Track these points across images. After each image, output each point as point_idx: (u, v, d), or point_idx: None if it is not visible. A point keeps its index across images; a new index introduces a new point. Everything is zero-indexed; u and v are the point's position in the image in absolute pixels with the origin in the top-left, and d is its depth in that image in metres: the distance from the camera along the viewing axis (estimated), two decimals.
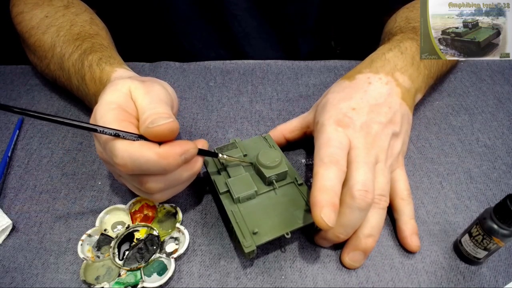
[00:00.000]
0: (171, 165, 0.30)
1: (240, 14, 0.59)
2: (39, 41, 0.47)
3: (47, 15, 0.48)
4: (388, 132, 0.37)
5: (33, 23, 0.48)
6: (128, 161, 0.29)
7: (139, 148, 0.29)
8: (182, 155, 0.31)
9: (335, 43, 0.73)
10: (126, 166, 0.29)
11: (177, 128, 0.30)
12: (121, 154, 0.29)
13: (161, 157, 0.29)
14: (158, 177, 0.32)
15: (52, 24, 0.47)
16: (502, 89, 0.55)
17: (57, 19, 0.48)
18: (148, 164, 0.30)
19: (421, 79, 0.43)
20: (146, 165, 0.30)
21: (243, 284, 0.34)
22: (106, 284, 0.32)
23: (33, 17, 0.49)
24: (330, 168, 0.33)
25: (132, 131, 0.30)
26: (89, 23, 0.48)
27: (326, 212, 0.31)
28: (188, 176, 0.33)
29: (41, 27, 0.48)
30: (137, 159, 0.29)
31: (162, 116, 0.30)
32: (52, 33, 0.46)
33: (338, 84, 0.42)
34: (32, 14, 0.49)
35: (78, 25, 0.47)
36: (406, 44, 0.44)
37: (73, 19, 0.48)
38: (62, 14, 0.48)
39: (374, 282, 0.35)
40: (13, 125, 0.48)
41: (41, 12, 0.49)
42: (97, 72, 0.40)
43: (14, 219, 0.38)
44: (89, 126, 0.29)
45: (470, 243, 0.34)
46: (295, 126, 0.44)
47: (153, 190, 0.32)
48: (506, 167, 0.45)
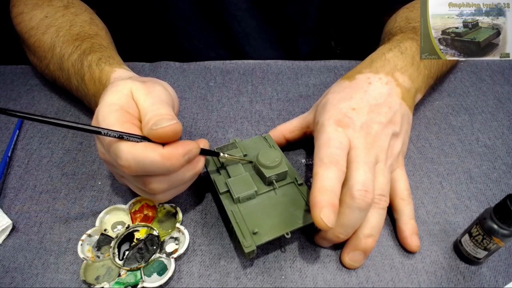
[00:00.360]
0: (174, 166, 0.30)
1: (240, 14, 0.59)
2: (39, 42, 0.47)
3: (47, 16, 0.48)
4: (388, 132, 0.37)
5: (33, 24, 0.48)
6: (132, 162, 0.29)
7: (143, 149, 0.29)
8: (185, 155, 0.31)
9: (335, 43, 0.73)
10: (130, 168, 0.29)
11: (180, 130, 0.31)
12: (125, 156, 0.29)
13: (165, 158, 0.30)
14: (162, 178, 0.32)
15: (51, 24, 0.47)
16: (502, 89, 0.55)
17: (56, 19, 0.48)
18: (152, 165, 0.30)
19: (421, 79, 0.43)
20: (150, 166, 0.30)
21: (243, 284, 0.34)
22: (106, 284, 0.32)
23: (33, 17, 0.49)
24: (330, 169, 0.33)
25: (135, 133, 0.30)
26: (88, 23, 0.48)
27: (325, 212, 0.31)
28: (190, 175, 0.34)
29: (40, 28, 0.47)
30: (141, 161, 0.29)
31: (165, 118, 0.30)
32: (52, 34, 0.46)
33: (338, 84, 0.42)
34: (32, 15, 0.49)
35: (78, 25, 0.47)
36: (406, 44, 0.44)
37: (72, 19, 0.48)
38: (61, 15, 0.48)
39: (374, 282, 0.35)
40: (13, 125, 0.48)
41: (41, 12, 0.49)
42: (96, 72, 0.40)
43: (14, 219, 0.38)
44: (93, 129, 0.29)
45: (470, 243, 0.34)
46: (295, 126, 0.44)
47: (156, 191, 0.32)
48: (506, 167, 0.45)
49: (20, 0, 0.51)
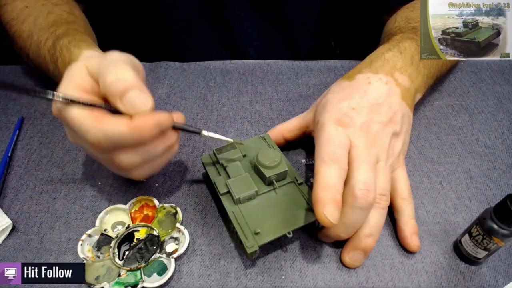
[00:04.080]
0: (144, 137, 0.30)
1: (241, 14, 0.59)
2: (19, 31, 0.48)
3: (27, 6, 0.49)
4: (388, 132, 0.37)
5: (14, 14, 0.49)
6: (101, 136, 0.29)
7: (110, 122, 0.29)
8: (156, 126, 0.30)
9: (335, 43, 0.73)
10: (100, 143, 0.29)
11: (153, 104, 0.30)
12: (93, 131, 0.29)
13: (134, 129, 0.29)
14: (132, 150, 0.31)
15: (30, 13, 0.48)
16: (502, 89, 0.55)
17: (36, 9, 0.48)
18: (121, 137, 0.29)
19: (421, 79, 0.43)
20: (118, 138, 0.29)
21: (243, 284, 0.34)
22: (106, 284, 0.32)
23: (14, 8, 0.49)
24: (331, 166, 0.33)
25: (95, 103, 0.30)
26: (67, 12, 0.48)
27: (329, 209, 0.31)
28: (163, 149, 0.33)
29: (20, 18, 0.48)
30: (109, 133, 0.29)
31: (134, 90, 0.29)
32: (30, 22, 0.47)
33: (338, 84, 0.42)
34: (13, 6, 0.49)
35: (56, 13, 0.47)
36: (405, 44, 0.44)
37: (51, 8, 0.48)
38: (41, 4, 0.48)
39: (374, 282, 0.35)
40: (13, 125, 0.48)
41: (22, 3, 0.49)
42: (66, 56, 0.40)
43: (14, 219, 0.38)
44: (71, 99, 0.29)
45: (470, 243, 0.34)
46: (294, 126, 0.44)
47: (128, 165, 0.32)
48: (506, 167, 0.45)
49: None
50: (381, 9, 0.58)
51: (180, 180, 0.42)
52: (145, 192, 0.41)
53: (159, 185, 0.42)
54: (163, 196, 0.41)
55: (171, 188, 0.41)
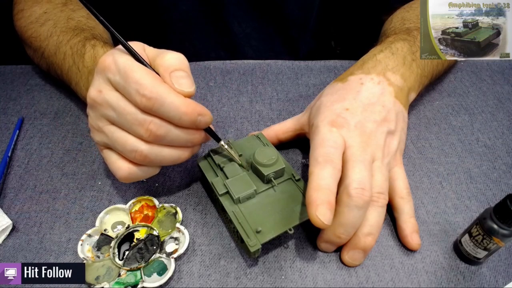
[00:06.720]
0: (187, 118, 0.31)
1: (240, 14, 0.59)
2: (36, 33, 0.48)
3: (46, 11, 0.50)
4: (383, 130, 0.37)
5: (32, 19, 0.50)
6: (155, 94, 0.30)
7: (168, 89, 0.31)
8: (199, 116, 0.32)
9: (335, 43, 0.73)
10: (151, 99, 0.30)
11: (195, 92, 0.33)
12: (150, 87, 0.30)
13: (184, 106, 0.31)
14: (165, 123, 0.32)
15: (49, 18, 0.49)
16: (502, 89, 0.55)
17: (55, 14, 0.49)
18: (170, 107, 0.30)
19: (414, 78, 0.44)
20: (167, 106, 0.30)
21: (243, 284, 0.34)
22: (106, 284, 0.32)
23: (32, 13, 0.50)
24: (325, 168, 0.33)
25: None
26: (86, 18, 0.50)
27: (321, 210, 0.31)
28: (186, 139, 0.33)
29: (39, 21, 0.49)
30: (163, 98, 0.30)
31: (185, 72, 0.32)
32: (49, 25, 0.48)
33: (331, 86, 0.43)
34: (31, 11, 0.50)
35: (75, 19, 0.48)
36: (398, 45, 0.44)
37: (70, 14, 0.49)
38: (60, 10, 0.50)
39: (374, 282, 0.35)
40: (13, 125, 0.48)
41: (40, 8, 0.50)
42: (100, 52, 0.41)
43: (14, 219, 0.38)
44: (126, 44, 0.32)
45: (470, 243, 0.34)
46: (288, 128, 0.44)
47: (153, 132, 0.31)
48: (506, 167, 0.45)
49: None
50: (381, 9, 0.58)
51: (180, 180, 0.42)
52: (145, 192, 0.41)
53: (159, 185, 0.42)
54: (163, 196, 0.41)
55: (171, 188, 0.42)
